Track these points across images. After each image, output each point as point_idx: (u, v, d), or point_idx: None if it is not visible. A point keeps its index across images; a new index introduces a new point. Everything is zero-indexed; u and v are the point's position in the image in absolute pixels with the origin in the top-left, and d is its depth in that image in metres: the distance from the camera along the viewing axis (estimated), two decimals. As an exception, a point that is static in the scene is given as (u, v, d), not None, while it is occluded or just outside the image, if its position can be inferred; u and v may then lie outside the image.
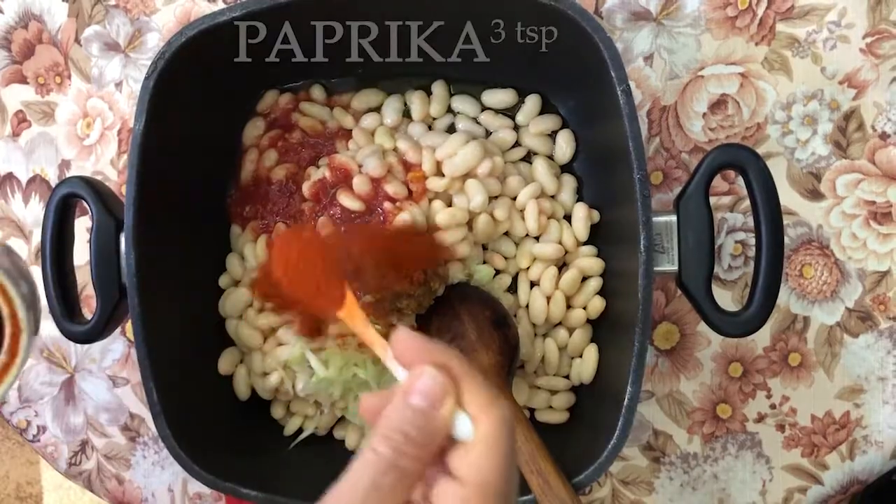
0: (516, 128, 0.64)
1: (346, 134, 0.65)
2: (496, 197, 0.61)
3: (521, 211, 0.62)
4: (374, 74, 0.65)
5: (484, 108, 0.65)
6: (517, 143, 0.64)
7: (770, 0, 0.64)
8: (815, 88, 0.64)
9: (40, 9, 0.72)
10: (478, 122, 0.65)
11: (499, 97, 0.64)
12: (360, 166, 0.61)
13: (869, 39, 0.63)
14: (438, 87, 0.65)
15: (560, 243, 0.62)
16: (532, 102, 0.64)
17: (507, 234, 0.62)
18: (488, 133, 0.64)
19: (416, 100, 0.64)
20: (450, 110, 0.65)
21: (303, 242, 0.48)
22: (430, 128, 0.65)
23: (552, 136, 0.64)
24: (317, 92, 0.66)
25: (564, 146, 0.64)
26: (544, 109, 0.65)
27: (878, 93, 0.64)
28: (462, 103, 0.65)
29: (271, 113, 0.66)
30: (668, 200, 0.63)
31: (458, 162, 0.60)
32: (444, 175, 0.60)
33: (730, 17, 0.64)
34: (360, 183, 0.59)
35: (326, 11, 0.58)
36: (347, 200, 0.60)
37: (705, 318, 0.54)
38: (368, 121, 0.65)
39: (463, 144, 0.60)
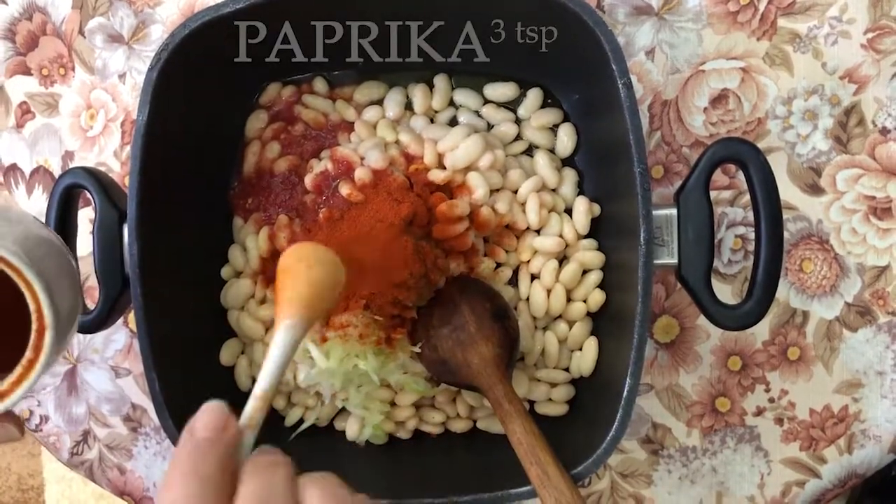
0: (518, 121, 0.65)
1: (349, 126, 0.65)
2: (497, 190, 0.62)
3: (523, 204, 0.62)
4: (376, 67, 0.66)
5: (486, 102, 0.65)
6: (519, 137, 0.64)
7: (772, -5, 0.64)
8: (816, 84, 0.64)
9: (44, 0, 0.73)
10: (480, 116, 0.65)
11: (500, 91, 0.65)
12: (362, 158, 0.61)
13: (870, 35, 0.63)
14: (440, 81, 0.65)
15: (561, 236, 0.62)
16: (533, 96, 0.64)
17: (508, 227, 0.62)
18: (490, 126, 0.65)
19: (418, 93, 0.65)
20: (452, 103, 0.66)
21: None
22: (431, 121, 0.65)
23: (553, 129, 0.65)
24: (319, 85, 0.66)
25: (566, 140, 0.64)
26: (547, 103, 0.65)
27: (879, 88, 0.64)
28: (464, 96, 0.65)
29: (274, 105, 0.66)
30: (669, 195, 0.63)
31: (460, 154, 0.60)
32: (445, 167, 0.61)
33: (731, 12, 0.64)
34: (362, 174, 0.60)
35: (326, 10, 0.58)
36: (348, 191, 0.60)
37: (704, 311, 0.55)
38: (370, 113, 0.65)
39: (465, 137, 0.60)
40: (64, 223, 0.59)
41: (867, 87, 0.64)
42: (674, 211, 0.54)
